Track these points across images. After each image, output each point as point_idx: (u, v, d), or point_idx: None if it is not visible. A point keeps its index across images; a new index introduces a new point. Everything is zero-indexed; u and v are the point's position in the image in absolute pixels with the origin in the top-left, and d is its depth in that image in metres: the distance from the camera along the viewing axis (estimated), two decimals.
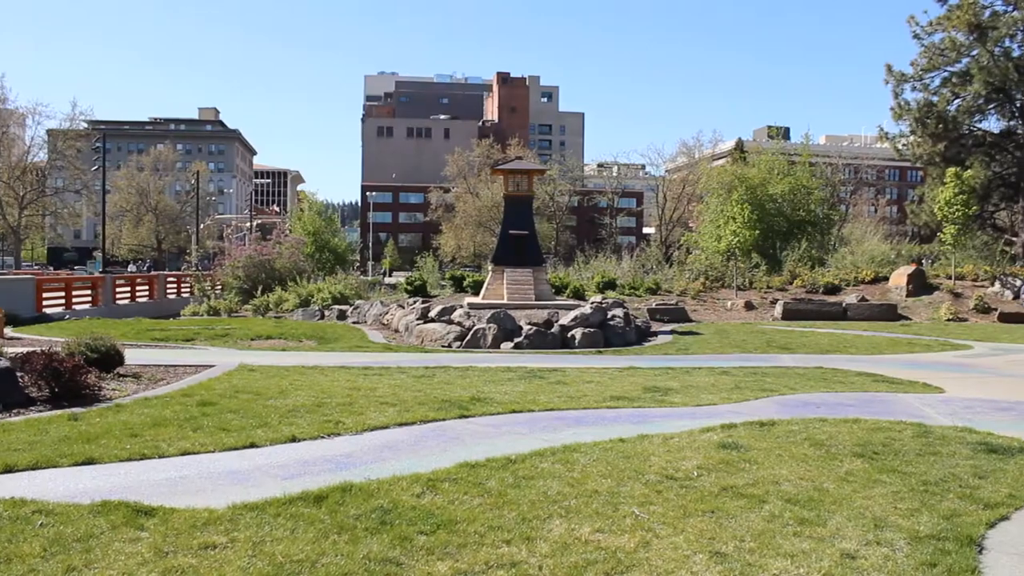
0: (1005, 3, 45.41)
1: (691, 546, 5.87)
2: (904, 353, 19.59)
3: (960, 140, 47.83)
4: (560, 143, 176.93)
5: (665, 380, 13.84)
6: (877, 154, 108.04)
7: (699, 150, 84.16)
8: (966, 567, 5.60)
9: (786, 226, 46.88)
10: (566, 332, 20.46)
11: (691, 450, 8.55)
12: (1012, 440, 9.35)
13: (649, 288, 33.89)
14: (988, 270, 36.41)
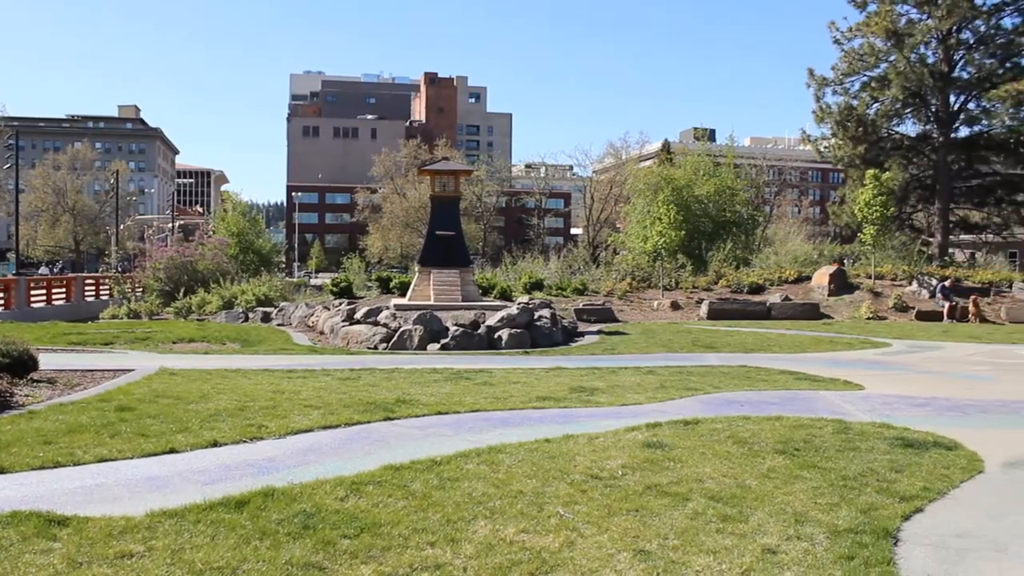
0: (920, 11, 46.69)
1: (615, 545, 5.89)
2: (826, 351, 19.98)
3: (879, 143, 49.04)
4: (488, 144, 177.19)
5: (591, 380, 13.90)
6: (800, 156, 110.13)
7: (626, 151, 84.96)
8: (882, 559, 5.72)
9: (712, 227, 47.50)
10: (493, 333, 20.44)
11: (616, 449, 8.58)
12: (927, 435, 9.59)
13: (576, 288, 34.07)
14: (906, 270, 37.37)
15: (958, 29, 46.54)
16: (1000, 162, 48.92)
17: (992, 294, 34.39)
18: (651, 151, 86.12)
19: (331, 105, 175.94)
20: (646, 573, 5.43)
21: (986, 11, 46.07)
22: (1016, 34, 46.26)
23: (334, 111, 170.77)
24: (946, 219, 48.23)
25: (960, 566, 5.74)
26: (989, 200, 50.04)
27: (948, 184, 47.81)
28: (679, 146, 78.39)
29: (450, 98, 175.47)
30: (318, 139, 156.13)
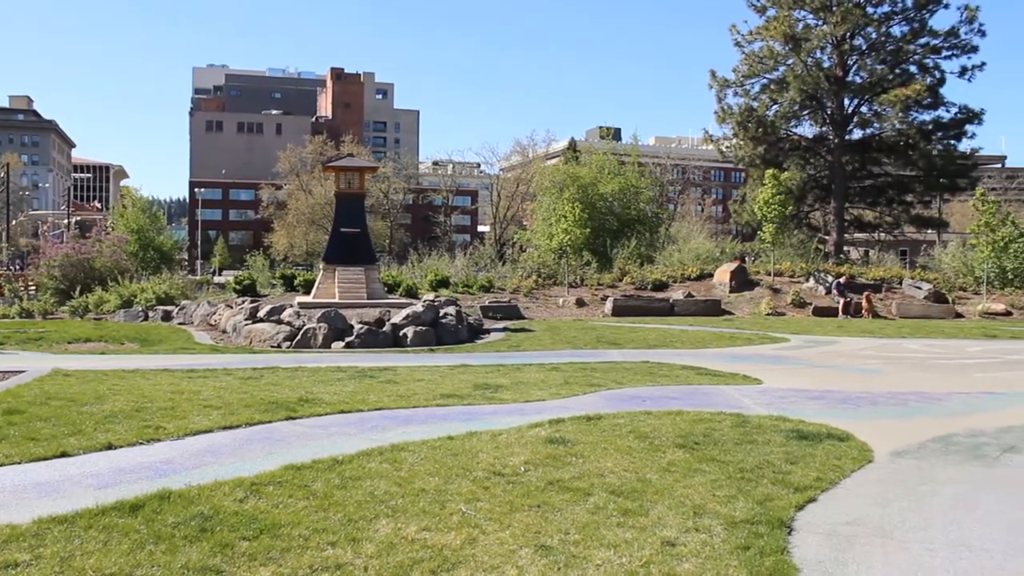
0: (816, 17, 48.09)
1: (517, 541, 5.93)
2: (727, 347, 20.42)
3: (778, 144, 50.37)
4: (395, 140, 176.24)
5: (496, 377, 13.95)
6: (703, 155, 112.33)
7: (533, 149, 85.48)
8: (776, 548, 5.88)
9: (617, 224, 48.05)
10: (398, 331, 20.35)
11: (519, 446, 8.64)
12: (821, 427, 9.89)
13: (482, 286, 34.11)
14: (804, 267, 38.40)
15: (852, 35, 48.09)
16: (891, 163, 50.72)
17: (884, 290, 35.58)
18: (557, 149, 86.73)
19: (235, 99, 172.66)
20: (547, 568, 5.47)
21: (877, 19, 47.70)
22: (904, 42, 48.05)
23: (238, 106, 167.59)
24: (841, 218, 49.78)
25: (849, 552, 5.94)
26: (881, 200, 51.89)
27: (843, 184, 49.36)
28: (585, 144, 79.13)
29: (357, 94, 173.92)
30: (222, 134, 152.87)
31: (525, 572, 5.41)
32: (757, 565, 5.57)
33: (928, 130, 48.28)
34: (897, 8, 47.83)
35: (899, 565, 5.75)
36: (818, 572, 5.57)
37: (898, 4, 47.76)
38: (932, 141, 48.54)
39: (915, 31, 48.14)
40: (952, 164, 49.10)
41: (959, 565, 5.78)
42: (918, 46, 48.31)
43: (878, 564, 5.76)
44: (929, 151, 48.12)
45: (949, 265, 42.01)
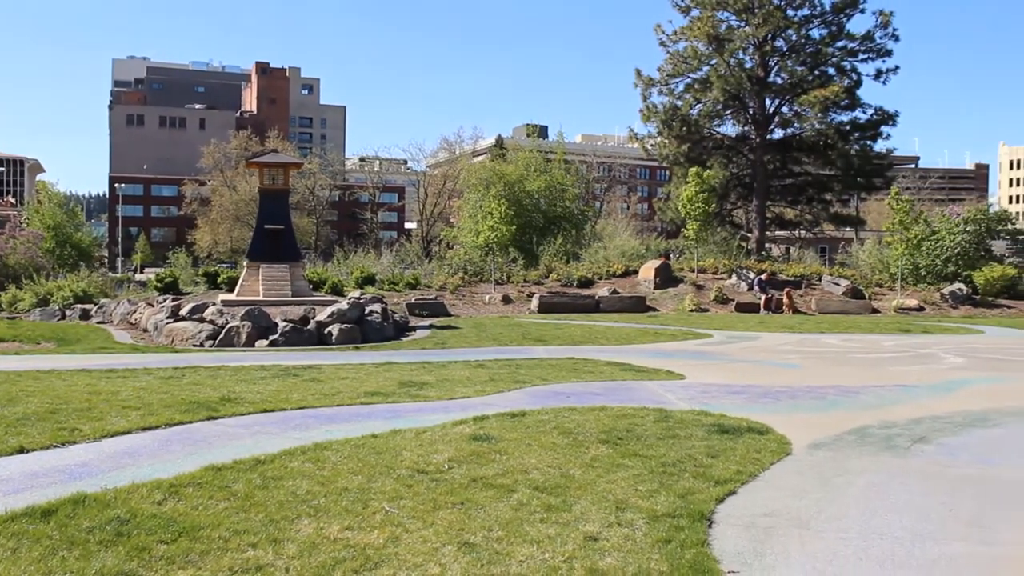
0: (739, 19, 48.89)
1: (440, 538, 5.93)
2: (651, 342, 20.66)
3: (702, 142, 51.08)
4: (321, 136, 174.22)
5: (421, 375, 13.92)
6: (629, 153, 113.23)
7: (460, 146, 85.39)
8: (697, 540, 5.98)
9: (543, 222, 48.25)
10: (323, 328, 20.17)
11: (443, 443, 8.63)
12: (741, 420, 10.08)
13: (409, 283, 33.99)
14: (727, 264, 39.05)
15: (773, 37, 48.97)
16: (811, 163, 51.81)
17: (804, 286, 36.36)
18: (484, 146, 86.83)
19: (157, 93, 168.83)
20: (470, 565, 5.48)
21: (797, 22, 48.68)
22: (823, 44, 49.12)
23: (160, 99, 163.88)
24: (763, 216, 50.68)
25: (767, 543, 6.07)
26: (801, 198, 52.97)
27: (765, 182, 50.25)
28: (512, 142, 79.30)
29: (282, 89, 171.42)
30: (143, 128, 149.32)
31: (448, 570, 5.41)
32: (678, 558, 5.65)
33: (846, 131, 49.42)
34: (816, 11, 48.88)
35: (814, 554, 5.89)
36: (737, 563, 5.68)
37: (817, 8, 48.81)
38: (850, 141, 49.70)
39: (833, 34, 49.23)
40: (869, 164, 50.36)
41: (871, 552, 5.96)
42: (836, 49, 49.43)
43: (795, 554, 5.90)
44: (847, 151, 49.27)
45: (866, 262, 43.10)
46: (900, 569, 5.68)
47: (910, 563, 5.79)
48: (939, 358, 18.23)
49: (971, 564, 5.83)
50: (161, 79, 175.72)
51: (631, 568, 5.48)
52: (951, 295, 34.88)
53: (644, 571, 5.44)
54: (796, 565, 5.70)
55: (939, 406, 11.81)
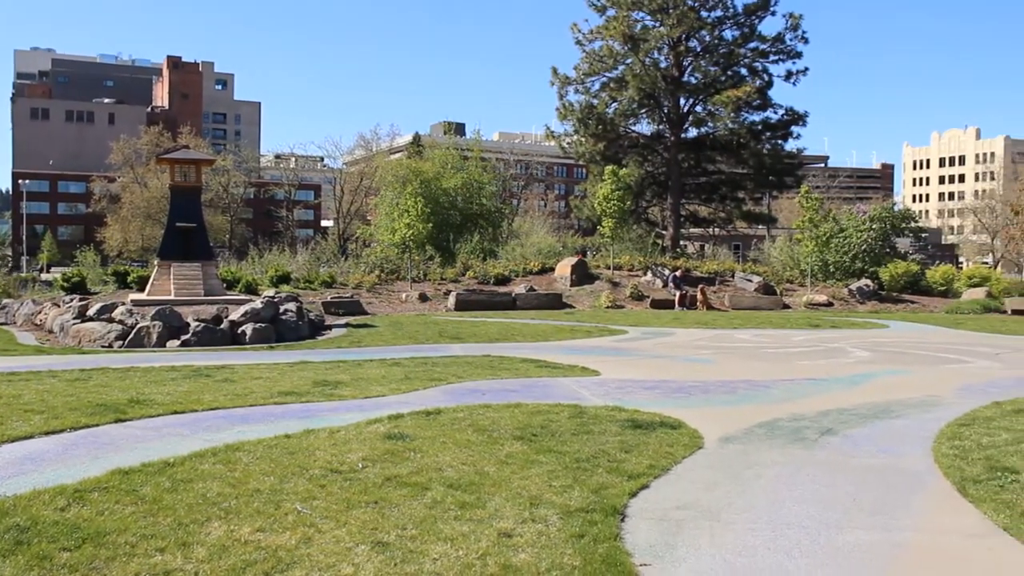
0: (654, 19, 49.51)
1: (353, 538, 5.88)
2: (567, 339, 20.80)
3: (618, 141, 51.61)
4: (236, 133, 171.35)
5: (336, 373, 13.79)
6: (546, 151, 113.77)
7: (377, 143, 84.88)
8: (609, 535, 6.04)
9: (460, 219, 48.24)
10: (236, 328, 19.85)
11: (357, 442, 8.57)
12: (655, 415, 10.21)
13: (324, 281, 33.65)
14: (642, 261, 39.53)
15: (687, 37, 49.72)
16: (724, 161, 52.77)
17: (717, 283, 37.01)
18: (402, 144, 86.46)
19: (63, 86, 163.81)
20: (384, 564, 5.46)
21: (710, 23, 49.53)
22: (735, 45, 50.09)
23: (67, 93, 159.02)
24: (677, 213, 51.43)
25: (679, 536, 6.17)
26: (715, 196, 53.92)
27: (679, 181, 51.00)
28: (429, 139, 79.17)
29: (195, 84, 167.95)
30: (48, 122, 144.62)
31: (361, 569, 5.38)
32: (591, 552, 5.70)
33: (758, 130, 50.47)
34: (728, 13, 49.78)
35: (724, 545, 6.00)
36: (649, 556, 5.75)
37: (730, 9, 49.72)
38: (761, 141, 50.78)
39: (745, 35, 50.20)
40: (780, 163, 51.51)
41: (779, 542, 6.10)
42: (748, 50, 50.42)
43: (705, 545, 6.00)
44: (759, 150, 50.31)
45: (777, 259, 44.04)
46: (807, 557, 5.82)
47: (816, 551, 5.94)
48: (846, 352, 18.73)
49: (873, 550, 6.00)
50: (67, 72, 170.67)
51: (544, 563, 5.51)
52: (858, 291, 35.86)
53: (557, 566, 5.48)
54: (706, 556, 5.81)
55: (846, 399, 12.14)
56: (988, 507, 6.92)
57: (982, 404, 11.63)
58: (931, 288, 38.19)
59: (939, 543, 6.25)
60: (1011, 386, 13.57)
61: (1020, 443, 9.03)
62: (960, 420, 10.45)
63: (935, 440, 9.34)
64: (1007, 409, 11.18)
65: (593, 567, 5.47)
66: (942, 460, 8.45)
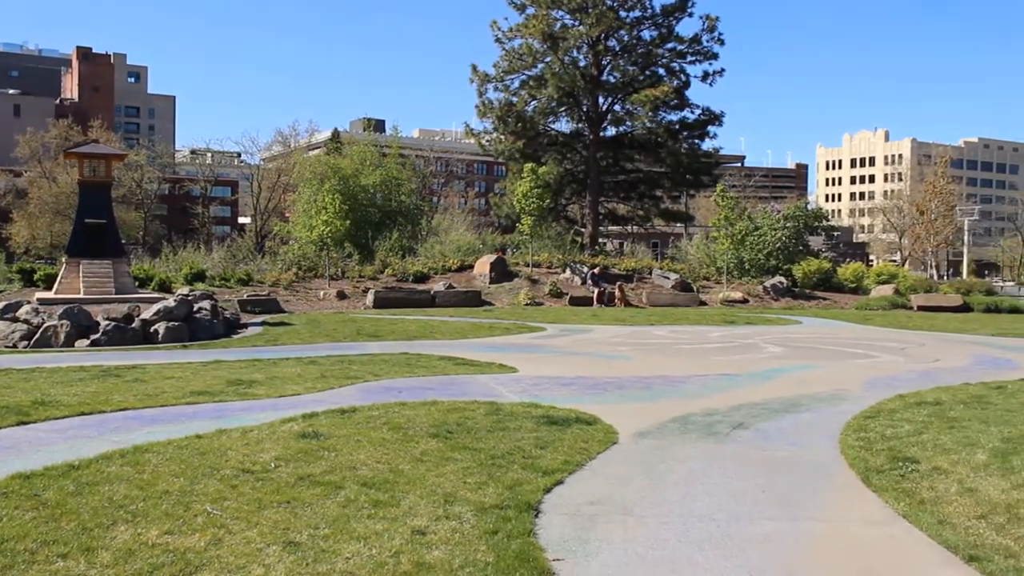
0: (573, 18, 49.87)
1: (264, 539, 5.80)
2: (485, 337, 20.82)
3: (537, 138, 51.88)
4: (149, 127, 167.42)
5: (251, 372, 13.57)
6: (466, 149, 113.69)
7: (295, 139, 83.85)
8: (523, 530, 6.07)
9: (379, 216, 47.96)
10: (148, 327, 19.41)
11: (271, 442, 8.45)
12: (570, 412, 10.29)
13: (241, 279, 33.13)
14: (561, 258, 39.80)
15: (606, 37, 50.21)
16: (642, 160, 53.44)
17: (635, 280, 37.43)
18: (321, 140, 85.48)
19: None
20: (295, 564, 5.39)
21: (629, 23, 50.10)
22: (653, 45, 50.77)
23: None
24: (596, 211, 51.91)
25: (592, 531, 6.23)
26: (633, 194, 54.56)
27: (598, 179, 51.46)
28: (348, 136, 78.49)
29: (107, 76, 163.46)
30: None
31: (272, 570, 5.31)
32: (504, 548, 5.72)
33: (675, 129, 51.21)
34: (647, 14, 50.42)
35: (636, 539, 6.08)
36: (562, 551, 5.79)
37: (648, 10, 50.37)
38: (679, 140, 51.54)
39: (663, 36, 50.90)
40: (697, 162, 52.36)
41: (689, 534, 6.20)
42: (666, 50, 51.16)
43: (618, 540, 6.07)
44: (677, 149, 51.06)
45: (694, 256, 44.76)
46: (716, 549, 5.93)
47: (726, 542, 6.06)
48: (760, 348, 19.12)
49: (780, 540, 6.15)
50: None
51: (458, 560, 5.51)
52: (773, 288, 36.63)
53: (471, 563, 5.48)
54: (618, 550, 5.87)
55: (757, 393, 12.39)
56: (889, 496, 7.14)
57: (887, 397, 11.98)
58: (842, 285, 39.22)
59: (843, 531, 6.42)
60: (914, 379, 14.01)
61: (921, 434, 9.32)
62: (866, 413, 10.75)
63: (842, 432, 9.59)
64: (910, 401, 11.53)
65: (506, 563, 5.48)
66: (848, 452, 8.68)
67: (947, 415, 10.46)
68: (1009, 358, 17.64)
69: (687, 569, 5.60)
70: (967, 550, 5.91)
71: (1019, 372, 14.92)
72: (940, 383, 13.40)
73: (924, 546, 6.10)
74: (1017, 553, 5.85)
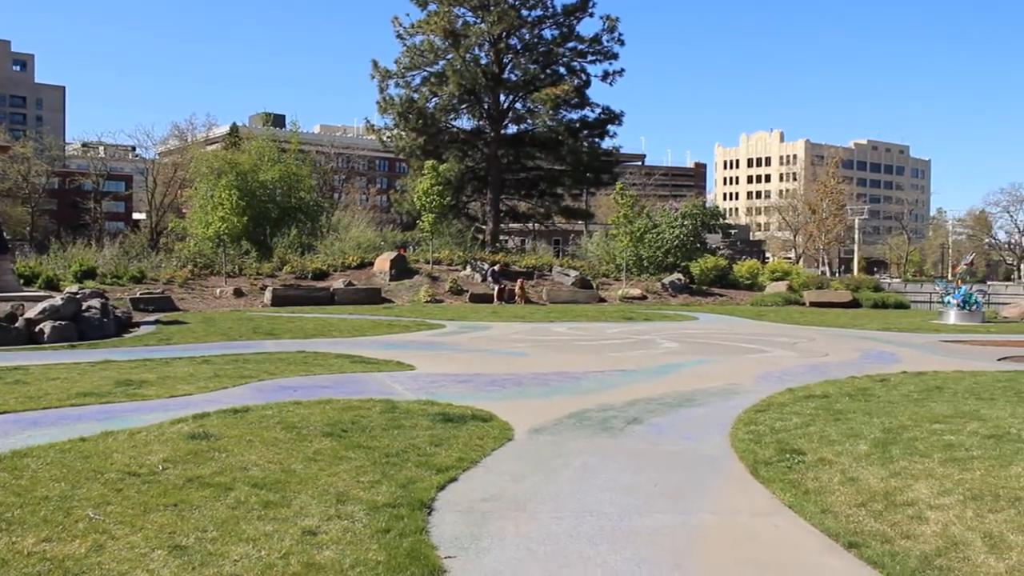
0: (475, 15, 49.91)
1: (149, 543, 5.64)
2: (384, 334, 20.70)
3: (438, 135, 51.78)
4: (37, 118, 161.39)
5: (141, 372, 13.20)
6: (368, 145, 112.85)
7: (192, 134, 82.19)
8: (416, 528, 6.04)
9: (278, 213, 47.29)
10: (33, 326, 18.71)
11: (159, 443, 8.22)
12: (466, 409, 10.29)
13: (134, 277, 32.27)
14: (462, 255, 39.82)
15: (507, 35, 50.41)
16: (543, 158, 53.82)
17: (536, 277, 37.70)
18: (219, 134, 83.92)
19: None
20: (181, 569, 5.26)
21: (531, 21, 50.41)
22: (555, 45, 51.18)
23: None
24: (497, 208, 52.07)
25: (485, 527, 6.24)
26: (534, 192, 54.94)
27: (499, 176, 51.63)
28: (247, 130, 77.21)
29: None
30: None
31: (156, 575, 5.18)
32: (396, 547, 5.68)
33: (576, 128, 51.71)
34: (548, 13, 50.80)
35: (529, 535, 6.11)
36: (454, 548, 5.79)
37: (550, 9, 50.75)
38: (579, 138, 52.06)
39: (564, 35, 51.33)
40: (597, 160, 52.96)
41: (581, 529, 6.26)
42: (567, 50, 51.61)
43: (510, 536, 6.09)
44: (577, 147, 51.57)
45: (594, 253, 45.25)
46: (607, 543, 6.00)
47: (616, 536, 6.13)
48: (657, 343, 19.43)
49: (670, 533, 6.25)
50: None
51: (348, 560, 5.46)
52: (671, 284, 37.29)
53: (361, 562, 5.43)
54: (510, 546, 5.89)
55: (653, 389, 12.59)
56: (776, 487, 7.33)
57: (777, 391, 12.30)
58: (738, 282, 40.15)
59: (731, 522, 6.57)
60: (804, 373, 14.43)
61: (808, 426, 9.58)
62: (756, 406, 11.00)
63: (733, 426, 9.80)
64: (799, 395, 11.86)
65: (397, 561, 5.45)
66: (738, 445, 8.88)
67: (833, 408, 10.77)
68: (893, 352, 18.28)
69: (578, 563, 5.65)
70: (847, 537, 6.10)
71: (902, 365, 15.45)
72: (828, 377, 13.81)
73: (807, 535, 6.28)
74: (892, 538, 6.07)
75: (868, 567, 5.65)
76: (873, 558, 5.74)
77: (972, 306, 28.28)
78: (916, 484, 7.22)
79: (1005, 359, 17.13)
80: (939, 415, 9.96)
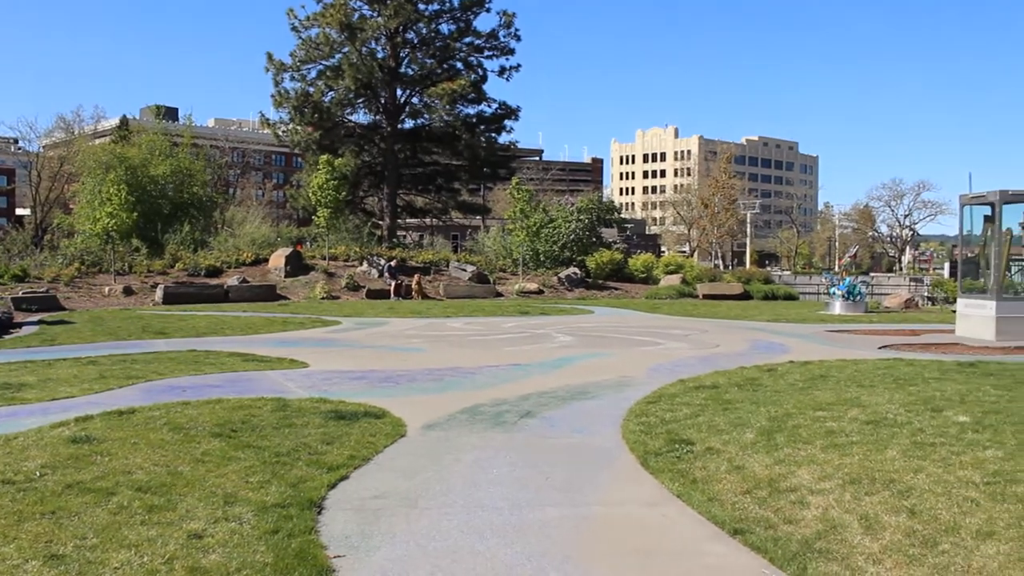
0: (371, 8, 49.49)
1: (23, 554, 5.45)
2: (278, 332, 20.41)
3: (334, 130, 51.24)
4: None
5: (21, 375, 12.71)
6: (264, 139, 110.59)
7: (80, 126, 79.33)
8: (305, 528, 6.00)
9: (169, 209, 46.13)
10: None
11: (37, 449, 7.95)
12: (359, 406, 10.23)
13: (16, 275, 31.11)
14: (358, 251, 39.49)
15: (404, 29, 50.13)
16: (440, 153, 53.76)
17: (433, 273, 37.65)
18: (108, 127, 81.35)
19: None
20: None
21: (427, 16, 50.20)
22: (452, 39, 51.10)
23: None
24: (394, 203, 51.80)
25: (375, 525, 6.23)
26: (431, 187, 54.86)
27: (396, 171, 51.38)
28: (138, 123, 75.15)
29: None
30: None
31: None
32: (284, 548, 5.63)
33: (472, 123, 51.77)
34: (445, 7, 50.69)
35: (419, 531, 6.12)
36: (344, 547, 5.76)
37: (446, 3, 50.65)
38: (476, 133, 52.12)
39: (461, 30, 51.29)
40: (494, 155, 53.16)
41: (472, 523, 6.30)
42: (464, 44, 51.57)
43: (401, 532, 6.09)
44: (474, 142, 51.61)
45: (491, 248, 45.36)
46: (497, 537, 6.04)
47: (506, 530, 6.18)
48: (552, 337, 19.60)
49: (560, 525, 6.33)
50: None
51: (235, 563, 5.38)
52: (567, 278, 37.65)
53: (248, 564, 5.36)
54: (401, 543, 5.89)
55: (546, 382, 12.70)
56: (665, 477, 7.49)
57: (669, 382, 12.54)
58: (633, 276, 40.80)
59: (620, 513, 6.70)
60: (695, 364, 14.74)
61: (697, 416, 9.81)
62: (648, 398, 11.20)
63: (624, 418, 9.96)
64: (689, 386, 12.11)
65: (285, 563, 5.40)
66: (629, 436, 9.03)
67: (722, 398, 11.04)
68: (782, 343, 18.81)
69: (468, 558, 5.68)
70: (732, 524, 6.28)
71: (789, 355, 15.90)
72: (719, 367, 14.13)
73: (695, 523, 6.44)
74: (776, 524, 6.26)
75: (752, 553, 5.82)
76: (757, 544, 5.91)
77: (856, 297, 29.30)
78: (799, 470, 7.47)
79: (885, 347, 17.79)
80: (822, 403, 10.31)
